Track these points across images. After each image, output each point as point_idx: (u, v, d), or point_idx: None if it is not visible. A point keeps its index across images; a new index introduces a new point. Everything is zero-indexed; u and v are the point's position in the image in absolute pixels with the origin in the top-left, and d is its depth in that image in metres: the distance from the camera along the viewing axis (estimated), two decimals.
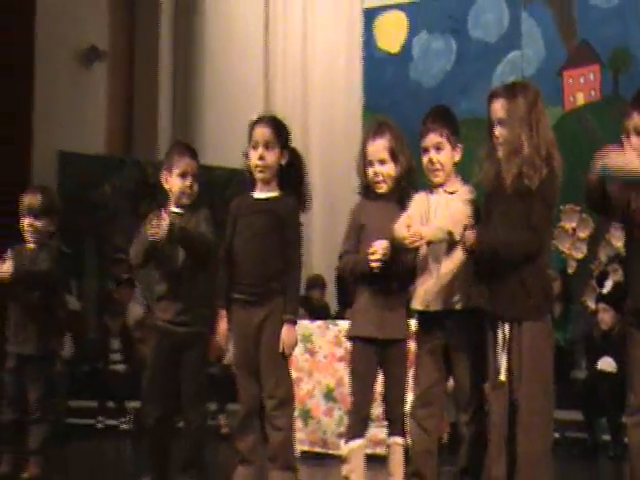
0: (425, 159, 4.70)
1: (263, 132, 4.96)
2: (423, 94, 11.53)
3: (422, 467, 4.61)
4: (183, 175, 5.28)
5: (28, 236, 5.94)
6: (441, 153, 4.67)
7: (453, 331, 4.58)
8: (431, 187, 4.73)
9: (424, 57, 11.87)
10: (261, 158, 4.94)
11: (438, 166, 4.66)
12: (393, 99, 11.56)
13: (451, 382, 4.70)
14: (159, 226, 5.00)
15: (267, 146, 4.94)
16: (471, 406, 4.56)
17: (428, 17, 11.88)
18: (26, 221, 5.92)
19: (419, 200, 4.72)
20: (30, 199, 5.92)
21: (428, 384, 4.62)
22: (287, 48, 12.83)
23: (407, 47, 12.00)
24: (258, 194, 5.02)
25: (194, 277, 5.24)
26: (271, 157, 4.95)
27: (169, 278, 5.28)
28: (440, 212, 4.64)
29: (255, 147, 4.96)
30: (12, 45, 9.70)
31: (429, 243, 4.54)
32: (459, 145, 4.71)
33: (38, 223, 5.90)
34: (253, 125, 5.01)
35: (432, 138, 4.68)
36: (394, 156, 4.76)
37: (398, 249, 4.58)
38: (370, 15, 12.30)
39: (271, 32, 12.90)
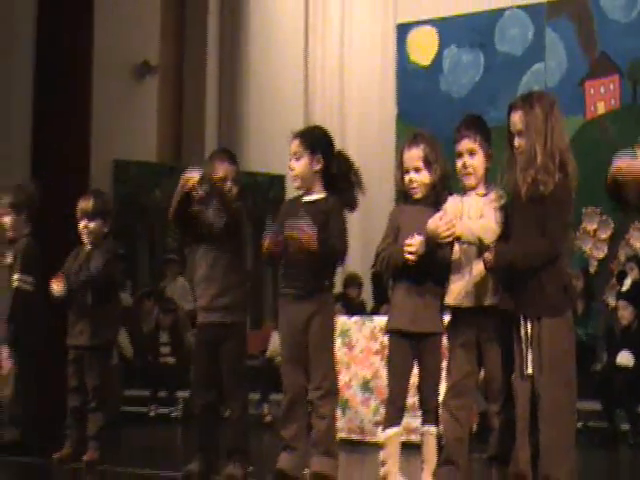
0: (459, 163, 4.69)
1: (292, 144, 5.03)
2: (453, 104, 11.51)
3: (454, 454, 4.59)
4: (223, 179, 5.32)
5: (84, 238, 6.01)
6: (474, 158, 4.66)
7: (484, 326, 4.55)
8: (464, 190, 4.74)
9: (454, 69, 11.86)
10: (291, 169, 5.03)
11: (471, 170, 4.65)
12: (425, 109, 11.55)
13: (481, 374, 4.69)
14: (189, 177, 5.09)
15: (296, 157, 5.01)
16: (501, 397, 4.53)
17: (457, 32, 11.86)
18: (81, 224, 5.98)
19: (453, 202, 4.72)
20: (83, 203, 5.99)
21: (460, 376, 4.60)
22: (325, 62, 12.85)
23: (438, 60, 11.99)
24: (306, 197, 5.06)
25: (229, 262, 5.25)
26: (300, 167, 5.00)
27: (205, 262, 5.31)
28: (473, 213, 4.64)
29: (290, 159, 5.03)
30: (72, 61, 9.80)
31: (458, 239, 4.54)
32: (490, 152, 4.71)
33: (91, 225, 5.96)
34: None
35: (466, 144, 4.67)
36: (428, 164, 4.77)
37: (433, 246, 4.59)
38: (403, 31, 12.30)
39: (310, 48, 12.93)
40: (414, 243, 4.60)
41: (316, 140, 5.05)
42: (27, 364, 6.25)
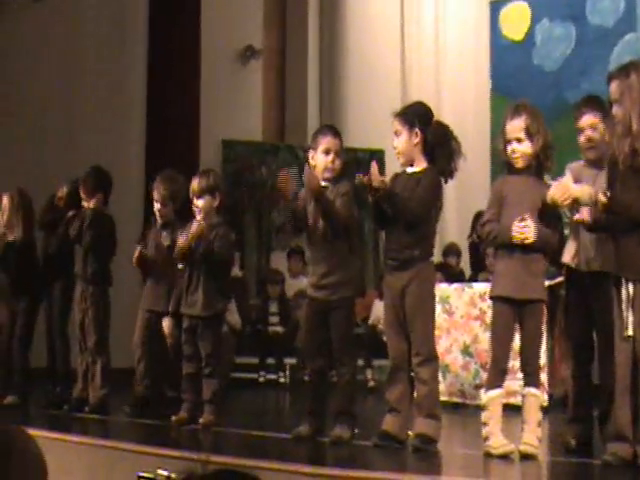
0: (582, 138, 4.76)
1: (393, 124, 5.02)
2: (545, 77, 11.29)
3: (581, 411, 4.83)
4: (326, 152, 5.29)
5: (196, 215, 6.04)
6: (596, 132, 4.74)
7: (599, 288, 4.55)
8: (588, 162, 4.79)
9: (546, 43, 11.59)
10: (394, 147, 5.04)
11: (594, 144, 4.67)
12: (518, 83, 11.33)
13: None
14: (286, 182, 5.12)
15: (397, 135, 5.01)
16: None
17: (549, 6, 11.60)
18: (194, 203, 6.02)
19: (576, 169, 4.75)
20: (193, 183, 6.02)
21: (579, 337, 4.74)
22: (421, 40, 12.72)
23: (530, 35, 11.74)
24: (409, 169, 5.04)
25: (334, 245, 5.23)
26: (400, 143, 4.99)
27: (312, 246, 5.32)
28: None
29: (394, 139, 5.04)
30: (181, 49, 9.91)
31: (577, 202, 4.49)
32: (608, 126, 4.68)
33: (200, 202, 5.98)
34: None
35: (587, 119, 4.77)
36: (530, 135, 4.68)
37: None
38: (496, 7, 12.09)
39: (406, 27, 12.82)
40: (527, 226, 4.53)
41: (412, 115, 5.03)
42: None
